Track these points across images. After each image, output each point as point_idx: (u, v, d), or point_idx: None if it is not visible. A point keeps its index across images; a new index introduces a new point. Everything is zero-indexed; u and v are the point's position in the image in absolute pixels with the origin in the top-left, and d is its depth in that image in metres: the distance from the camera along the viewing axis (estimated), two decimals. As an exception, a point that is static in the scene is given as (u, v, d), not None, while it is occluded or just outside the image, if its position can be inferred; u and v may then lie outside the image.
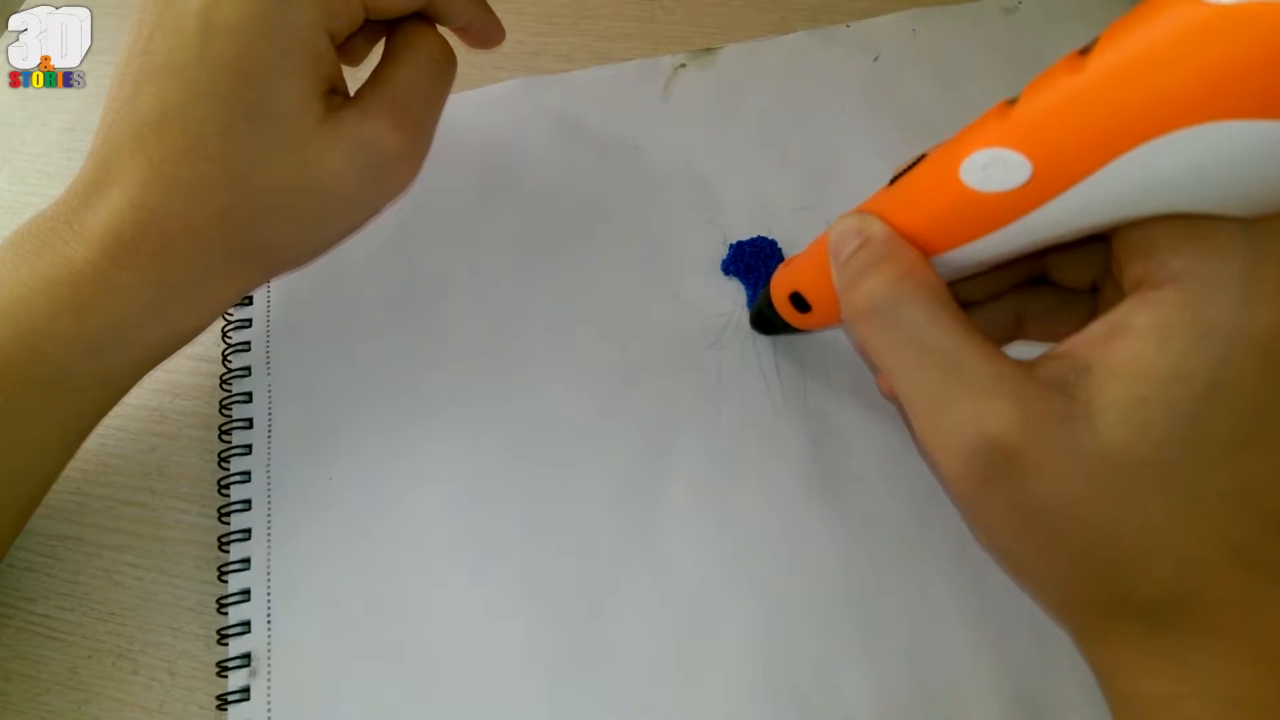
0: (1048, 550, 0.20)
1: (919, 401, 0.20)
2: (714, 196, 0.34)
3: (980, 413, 0.19)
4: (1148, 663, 0.20)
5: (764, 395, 0.30)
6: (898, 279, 0.21)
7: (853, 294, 0.21)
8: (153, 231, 0.25)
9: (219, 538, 0.29)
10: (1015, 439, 0.19)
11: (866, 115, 0.35)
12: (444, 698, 0.26)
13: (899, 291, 0.20)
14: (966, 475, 0.19)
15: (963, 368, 0.19)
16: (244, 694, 0.26)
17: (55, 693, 0.27)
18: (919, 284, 0.20)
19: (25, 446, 0.26)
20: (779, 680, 0.26)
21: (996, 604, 0.27)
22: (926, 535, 0.28)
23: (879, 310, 0.21)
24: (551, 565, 0.28)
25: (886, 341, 0.21)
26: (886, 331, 0.21)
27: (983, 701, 0.25)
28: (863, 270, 0.21)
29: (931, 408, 0.20)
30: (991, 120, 0.18)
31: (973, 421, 0.19)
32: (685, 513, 0.28)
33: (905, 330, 0.20)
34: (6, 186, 0.38)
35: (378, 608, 0.27)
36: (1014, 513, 0.19)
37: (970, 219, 0.19)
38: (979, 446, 0.19)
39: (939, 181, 0.20)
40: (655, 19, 0.40)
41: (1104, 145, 0.16)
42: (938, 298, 0.20)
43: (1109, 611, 0.20)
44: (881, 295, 0.21)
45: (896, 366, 0.21)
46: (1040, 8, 0.37)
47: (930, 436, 0.20)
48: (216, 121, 0.24)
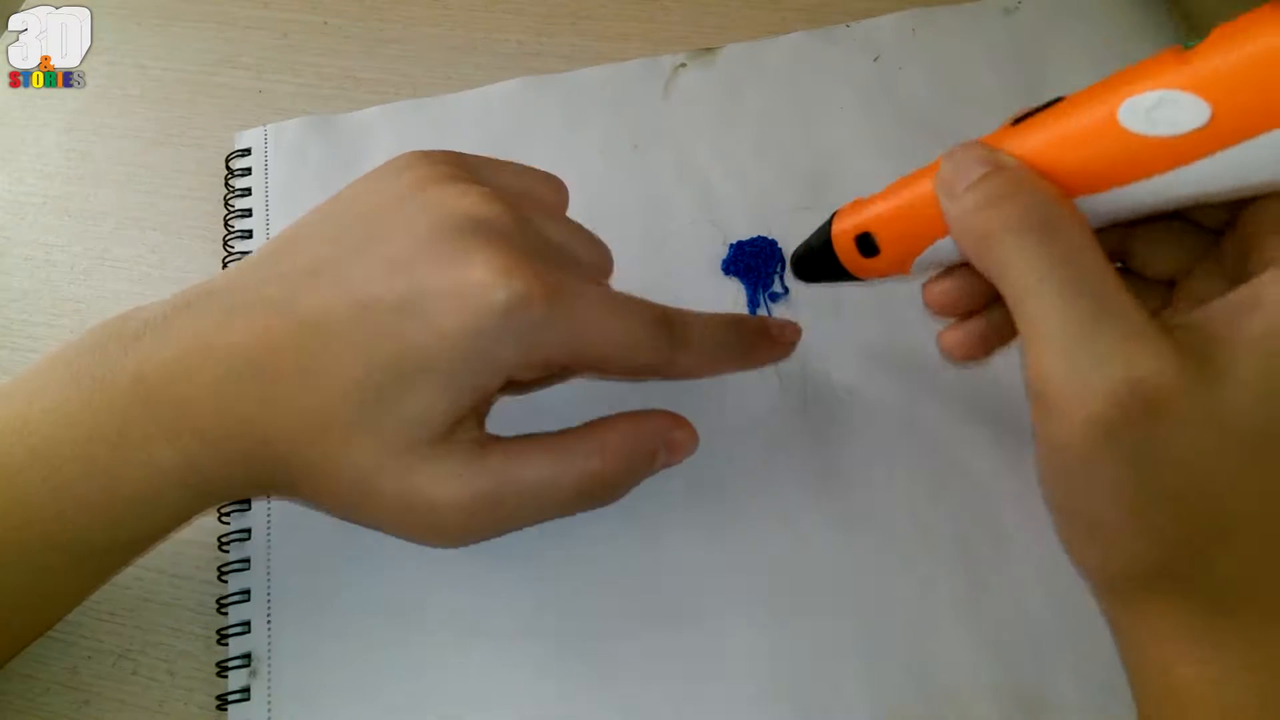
0: (1152, 509, 0.19)
1: (1059, 329, 0.18)
2: (714, 196, 0.34)
3: (1133, 354, 0.18)
4: (1193, 646, 0.19)
5: (764, 395, 0.30)
6: (1056, 199, 0.19)
7: (994, 212, 0.20)
8: (216, 419, 0.23)
9: (219, 538, 0.29)
10: (1166, 387, 0.18)
11: (866, 115, 0.35)
12: (444, 698, 0.26)
13: (1059, 211, 0.19)
14: (1101, 417, 0.18)
15: (1117, 303, 0.18)
16: (244, 694, 0.26)
17: (55, 693, 0.27)
18: (1074, 211, 0.19)
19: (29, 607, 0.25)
20: (778, 680, 0.26)
21: (996, 604, 0.27)
22: (926, 535, 0.28)
23: (1035, 227, 0.19)
24: (551, 566, 0.28)
25: (1036, 260, 0.19)
26: (1039, 248, 0.19)
27: (983, 701, 0.25)
28: (1006, 191, 0.20)
29: (1074, 338, 0.18)
30: (1164, 63, 0.18)
31: (1123, 360, 0.18)
32: (684, 513, 0.28)
33: (1061, 251, 0.19)
34: (6, 186, 0.38)
35: (378, 608, 0.27)
36: (1134, 468, 0.18)
37: (1124, 162, 0.19)
38: (1125, 387, 0.18)
39: (1090, 121, 0.19)
40: (655, 19, 0.40)
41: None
42: (1092, 232, 0.19)
43: (1173, 584, 0.19)
44: (1041, 211, 0.19)
45: (1039, 289, 0.19)
46: (1040, 8, 0.37)
47: (1060, 366, 0.18)
48: (354, 375, 0.23)
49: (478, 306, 0.22)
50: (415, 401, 0.23)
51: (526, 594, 0.27)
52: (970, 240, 0.21)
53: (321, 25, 0.41)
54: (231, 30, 0.42)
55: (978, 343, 0.25)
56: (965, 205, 0.20)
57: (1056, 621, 0.26)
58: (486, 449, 0.24)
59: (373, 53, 0.40)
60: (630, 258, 0.33)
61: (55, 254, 0.36)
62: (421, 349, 0.22)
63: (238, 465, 0.24)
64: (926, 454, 0.29)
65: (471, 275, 0.22)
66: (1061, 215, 0.19)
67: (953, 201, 0.21)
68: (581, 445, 0.25)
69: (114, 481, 0.23)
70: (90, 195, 0.37)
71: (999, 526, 0.28)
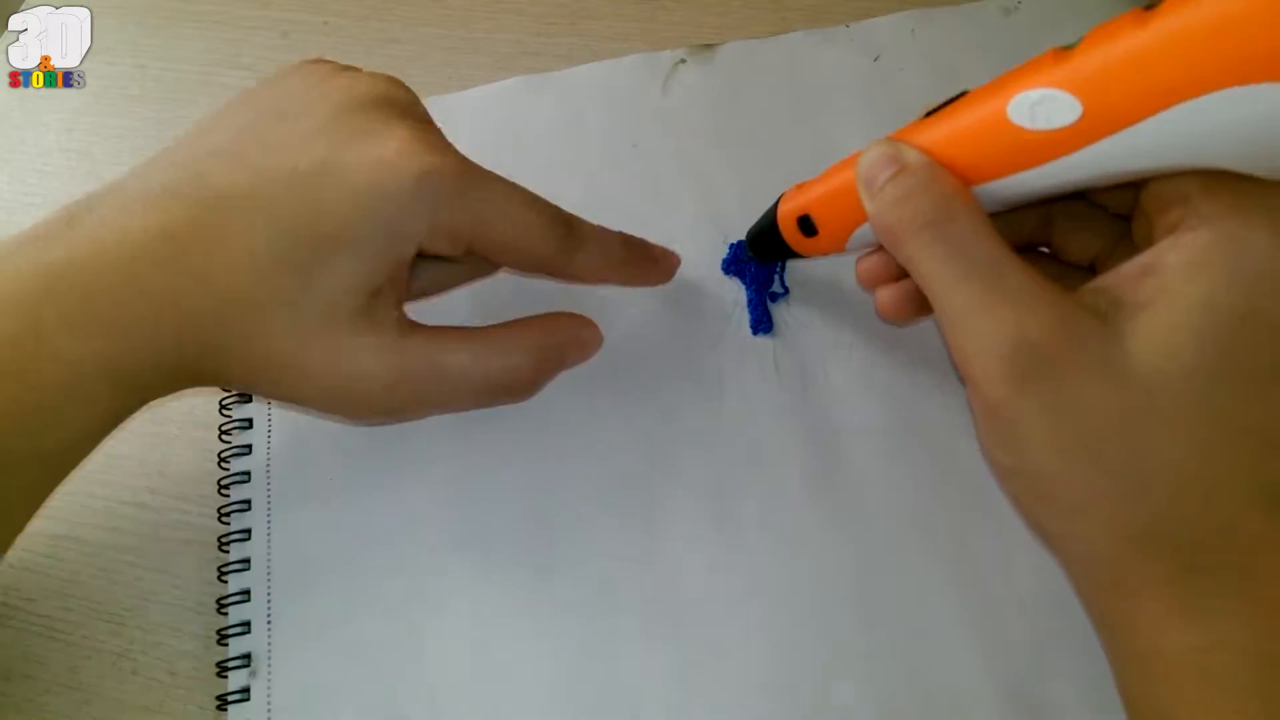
0: (1079, 464, 0.20)
1: (960, 310, 0.21)
2: (714, 196, 0.34)
3: (1023, 318, 0.20)
4: (1173, 612, 0.19)
5: (764, 395, 0.30)
6: (948, 196, 0.21)
7: (899, 211, 0.22)
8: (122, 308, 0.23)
9: (219, 538, 0.29)
10: (1055, 345, 0.19)
11: (866, 115, 0.35)
12: (444, 698, 0.26)
13: (950, 208, 0.21)
14: (1005, 376, 0.20)
15: (1008, 280, 0.20)
16: (244, 694, 0.26)
17: (55, 693, 0.27)
18: (966, 203, 0.21)
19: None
20: (778, 680, 0.26)
21: (996, 604, 0.27)
22: (926, 535, 0.28)
23: (930, 224, 0.21)
24: (551, 566, 0.28)
25: (933, 253, 0.21)
26: (935, 244, 0.21)
27: (982, 702, 0.25)
28: (909, 190, 0.22)
29: (973, 314, 0.20)
30: (1045, 63, 0.19)
31: (1014, 325, 0.20)
32: (685, 513, 0.28)
33: (954, 243, 0.21)
34: (7, 186, 0.38)
35: (377, 608, 0.27)
36: (1049, 419, 0.19)
37: (1012, 154, 0.21)
38: (1019, 347, 0.19)
39: (983, 116, 0.21)
40: (655, 19, 0.40)
41: (1157, 96, 0.17)
42: (983, 219, 0.21)
43: (1137, 548, 0.19)
44: (933, 211, 0.21)
45: (940, 277, 0.21)
46: (1040, 8, 0.37)
47: (968, 342, 0.21)
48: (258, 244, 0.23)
49: (393, 172, 0.24)
50: (331, 270, 0.24)
51: (526, 595, 0.27)
52: (884, 236, 0.23)
53: (321, 25, 0.41)
54: (231, 30, 0.42)
55: (906, 302, 0.26)
56: (877, 204, 0.23)
57: (1056, 621, 0.26)
58: (409, 331, 0.26)
59: (373, 53, 0.40)
60: (630, 258, 0.33)
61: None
62: (335, 215, 0.24)
63: (159, 354, 0.24)
64: (926, 453, 0.29)
65: (388, 145, 0.24)
66: (955, 209, 0.21)
67: (869, 199, 0.23)
68: (499, 341, 0.27)
69: (26, 383, 0.22)
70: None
71: (999, 525, 0.28)
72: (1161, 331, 0.19)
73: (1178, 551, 0.19)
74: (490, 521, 0.29)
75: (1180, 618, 0.19)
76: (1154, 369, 0.19)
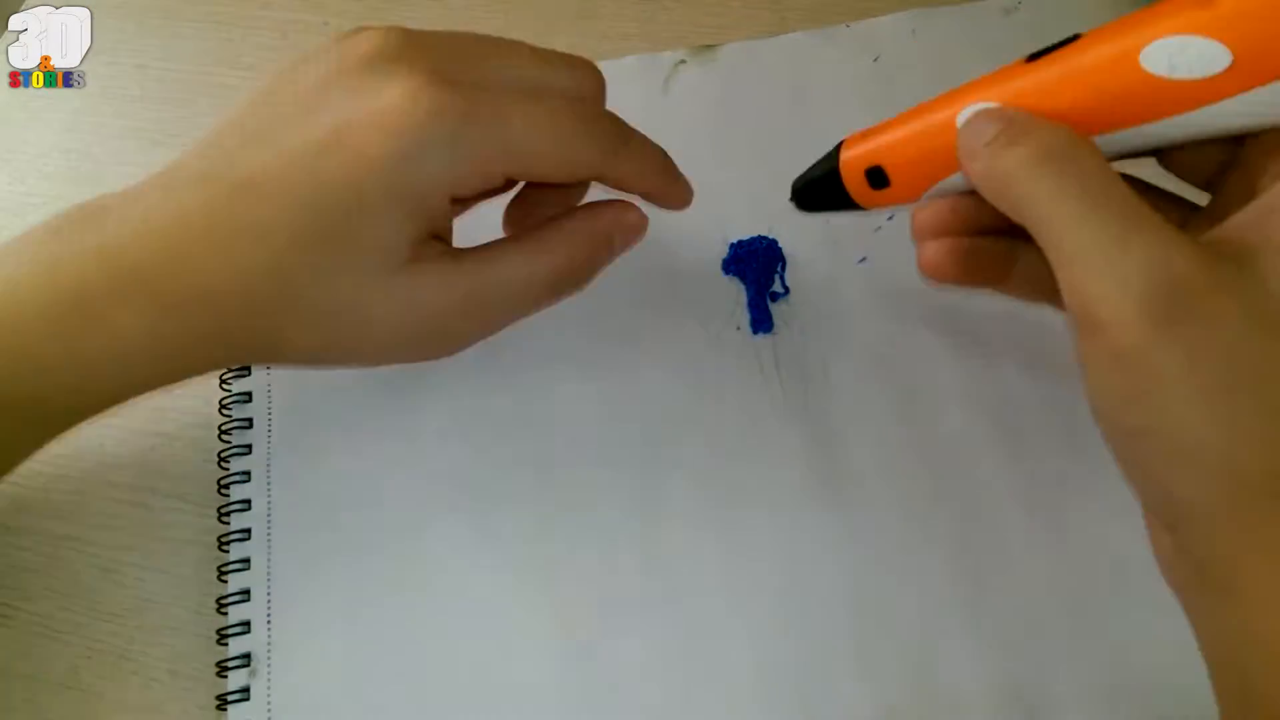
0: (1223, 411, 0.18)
1: (1088, 247, 0.19)
2: (714, 196, 0.34)
3: (1169, 254, 0.18)
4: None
5: (764, 395, 0.30)
6: (1071, 133, 0.20)
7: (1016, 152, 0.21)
8: (176, 284, 0.24)
9: (219, 538, 0.29)
10: (1204, 282, 0.18)
11: (866, 115, 0.35)
12: (444, 698, 0.26)
13: (1075, 144, 0.20)
14: (1145, 316, 0.18)
15: (1145, 217, 0.19)
16: (244, 694, 0.26)
17: (55, 693, 0.27)
18: (1089, 143, 0.20)
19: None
20: (778, 680, 0.26)
21: (996, 604, 0.27)
22: (926, 535, 0.28)
23: (1053, 157, 0.20)
24: (551, 566, 0.28)
25: (1058, 186, 0.20)
26: (1060, 177, 0.20)
27: (982, 701, 0.25)
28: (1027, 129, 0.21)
29: (1105, 251, 0.19)
30: (1183, 7, 0.19)
31: (1161, 261, 0.18)
32: (685, 512, 0.28)
33: (1083, 176, 0.20)
34: (6, 186, 0.38)
35: (378, 607, 0.27)
36: (1193, 363, 0.18)
37: (1145, 103, 0.20)
38: (1166, 284, 0.18)
39: (1110, 61, 0.20)
40: (655, 19, 0.40)
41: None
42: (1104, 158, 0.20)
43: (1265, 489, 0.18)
44: (1058, 144, 0.20)
45: (1064, 213, 0.20)
46: (1040, 8, 0.37)
47: (1097, 283, 0.19)
48: (296, 223, 0.24)
49: (396, 128, 0.23)
50: (369, 235, 0.24)
51: (527, 595, 0.27)
52: (994, 187, 0.21)
53: (321, 25, 0.41)
54: (231, 30, 0.42)
55: (957, 260, 0.25)
56: (984, 159, 0.21)
57: (1056, 621, 0.26)
58: (461, 257, 0.27)
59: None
60: (629, 257, 0.33)
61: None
62: (354, 183, 0.24)
63: (206, 334, 0.25)
64: (926, 454, 0.29)
65: (383, 101, 0.24)
66: (1076, 144, 0.20)
67: (974, 161, 0.22)
68: (547, 241, 0.28)
69: (76, 345, 0.24)
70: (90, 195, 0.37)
71: (999, 526, 0.28)
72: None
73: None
74: (490, 521, 0.28)
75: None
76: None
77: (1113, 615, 0.26)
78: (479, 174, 0.25)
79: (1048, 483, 0.28)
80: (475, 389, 0.31)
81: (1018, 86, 0.22)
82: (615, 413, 0.30)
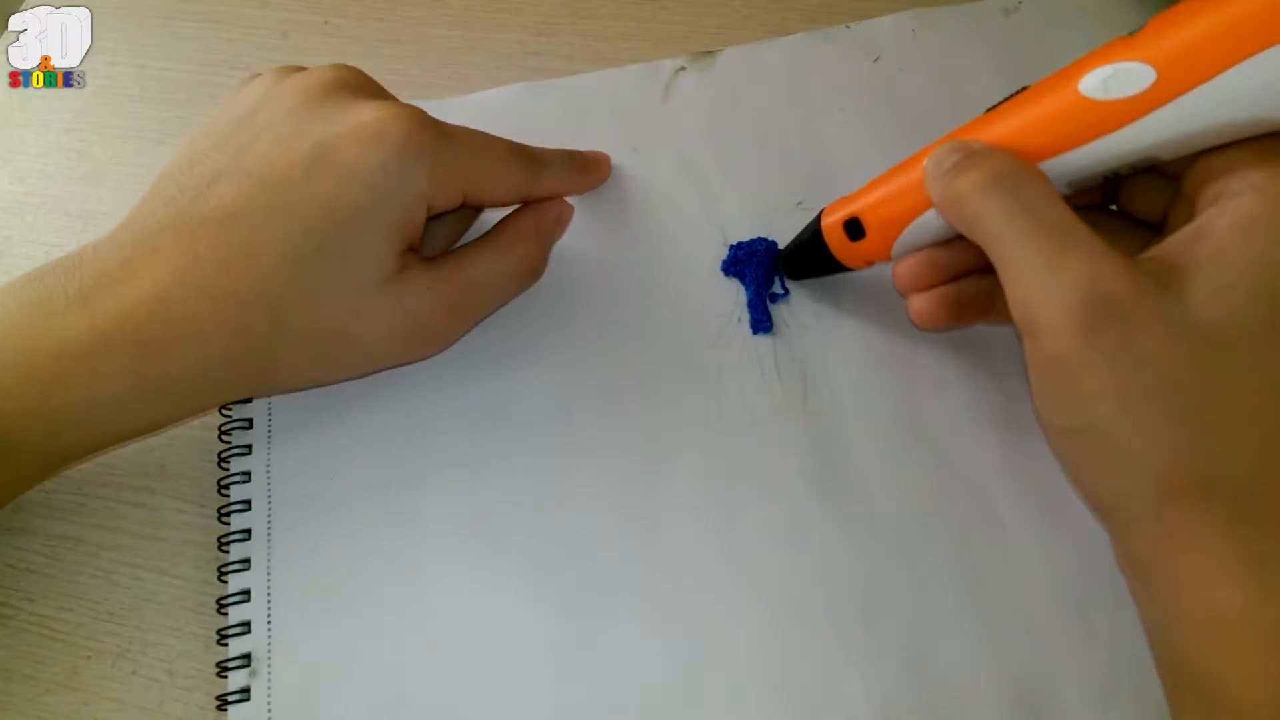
0: (1143, 413, 0.20)
1: (1030, 262, 0.21)
2: (714, 197, 0.34)
3: (1097, 270, 0.20)
4: (1226, 565, 0.20)
5: (764, 395, 0.30)
6: (1018, 160, 0.23)
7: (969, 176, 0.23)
8: (161, 326, 0.24)
9: (219, 538, 0.29)
10: (1127, 295, 0.20)
11: (866, 115, 0.35)
12: (444, 698, 0.26)
13: (1020, 169, 0.22)
14: (1074, 326, 0.20)
15: (1079, 236, 0.21)
16: (244, 694, 0.26)
17: (55, 693, 0.27)
18: (1034, 169, 0.23)
19: None
20: (779, 680, 0.26)
21: (996, 604, 0.27)
22: (926, 535, 0.28)
23: (1002, 179, 0.22)
24: (552, 565, 0.28)
25: (1004, 208, 0.22)
26: (1006, 198, 0.22)
27: (983, 701, 0.25)
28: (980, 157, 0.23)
29: (1044, 266, 0.21)
30: (1113, 46, 0.21)
31: (1089, 276, 0.20)
32: (685, 513, 0.28)
33: (1026, 200, 0.22)
34: (6, 186, 0.38)
35: (378, 608, 0.27)
36: (1116, 368, 0.20)
37: (1084, 124, 0.22)
38: (1093, 297, 0.20)
39: (1054, 96, 0.23)
40: (655, 19, 0.40)
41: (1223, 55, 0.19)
42: (1051, 186, 0.22)
43: (1194, 498, 0.20)
44: (1006, 170, 0.22)
45: (1010, 231, 0.22)
46: (1040, 8, 0.37)
47: (1036, 294, 0.21)
48: (286, 245, 0.25)
49: (379, 141, 0.25)
50: (362, 247, 0.25)
51: (527, 594, 0.27)
52: (949, 207, 0.24)
53: (321, 25, 0.41)
54: (231, 30, 0.42)
55: (942, 307, 0.27)
56: (946, 177, 0.23)
57: (1057, 621, 0.26)
58: (436, 264, 0.28)
59: (373, 53, 0.40)
60: (630, 259, 0.33)
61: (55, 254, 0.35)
62: (345, 197, 0.25)
63: (191, 375, 0.25)
64: (926, 454, 0.29)
65: (363, 118, 0.25)
66: (1022, 170, 0.22)
67: (934, 185, 0.24)
68: (505, 239, 0.30)
69: (56, 390, 0.24)
70: (90, 195, 0.37)
71: (999, 525, 0.28)
72: (1217, 290, 0.20)
73: (1235, 500, 0.20)
74: (491, 521, 0.29)
75: (1233, 571, 0.19)
76: (1212, 324, 0.20)
77: (1113, 615, 0.26)
78: (454, 187, 0.27)
79: (1048, 482, 0.28)
80: (476, 389, 0.31)
81: (976, 127, 0.24)
82: (615, 413, 0.30)
